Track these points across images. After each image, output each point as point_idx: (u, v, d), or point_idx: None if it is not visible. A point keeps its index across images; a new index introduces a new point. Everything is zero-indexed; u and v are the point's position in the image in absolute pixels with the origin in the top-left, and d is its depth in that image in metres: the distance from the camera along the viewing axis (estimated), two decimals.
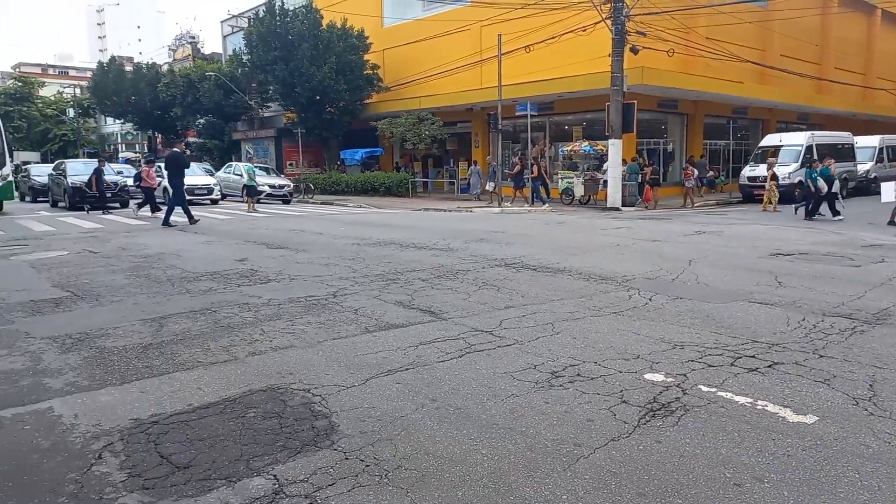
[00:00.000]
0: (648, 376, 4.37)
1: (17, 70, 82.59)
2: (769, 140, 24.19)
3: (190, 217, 15.72)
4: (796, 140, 22.95)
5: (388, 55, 30.65)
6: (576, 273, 8.33)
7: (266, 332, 5.60)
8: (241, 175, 26.76)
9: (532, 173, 21.69)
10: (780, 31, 27.35)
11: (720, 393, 4.06)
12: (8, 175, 20.97)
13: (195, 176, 25.34)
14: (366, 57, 29.70)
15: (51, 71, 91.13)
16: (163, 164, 19.62)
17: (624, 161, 20.41)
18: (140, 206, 19.01)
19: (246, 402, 3.97)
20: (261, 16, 30.03)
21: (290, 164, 34.94)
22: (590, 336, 5.36)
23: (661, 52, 20.27)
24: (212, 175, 27.18)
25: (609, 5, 19.31)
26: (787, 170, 21.28)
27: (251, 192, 21.15)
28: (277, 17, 29.02)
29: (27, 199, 27.94)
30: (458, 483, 3.00)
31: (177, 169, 15.95)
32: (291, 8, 29.73)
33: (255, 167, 28.16)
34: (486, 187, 23.38)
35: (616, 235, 12.66)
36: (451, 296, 6.98)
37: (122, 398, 4.08)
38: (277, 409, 3.87)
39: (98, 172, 20.61)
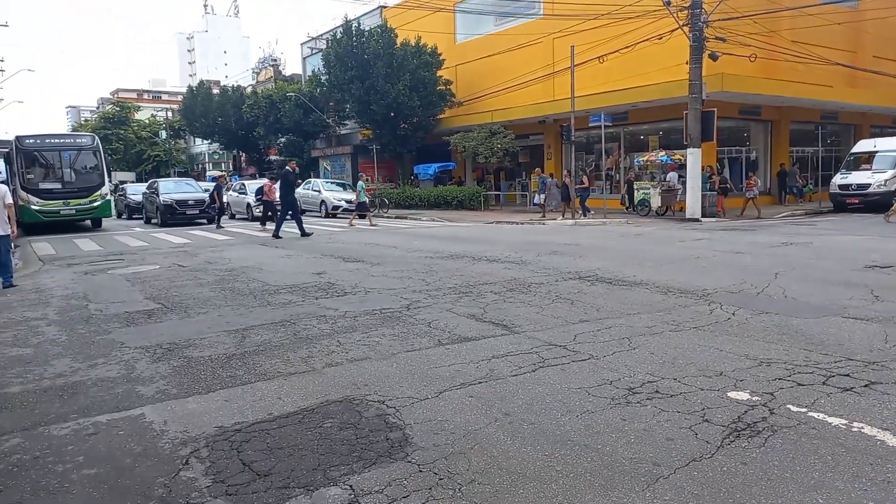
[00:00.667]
0: (732, 394, 4.19)
1: (116, 95, 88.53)
2: (863, 146, 22.83)
3: (302, 230, 16.79)
4: (893, 145, 21.56)
5: (460, 70, 30.96)
6: (653, 286, 8.10)
7: (342, 343, 5.72)
8: (318, 191, 27.68)
9: (582, 183, 21.48)
10: (873, 32, 25.85)
11: (811, 413, 3.84)
12: (107, 194, 22.41)
13: (276, 192, 26.37)
14: (438, 73, 30.11)
15: (145, 96, 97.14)
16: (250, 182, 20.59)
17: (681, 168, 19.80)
18: (263, 220, 20.50)
19: (323, 413, 4.07)
20: (338, 37, 31.01)
21: (366, 180, 35.71)
22: (669, 352, 5.19)
23: (742, 57, 19.56)
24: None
25: (686, 12, 18.82)
26: (883, 177, 20.01)
27: (362, 208, 21.66)
28: (354, 38, 29.88)
29: (123, 216, 29.76)
30: (533, 500, 2.96)
31: (287, 185, 17.22)
32: (367, 28, 30.58)
33: (333, 182, 29.00)
34: (536, 200, 23.16)
35: (695, 247, 12.24)
36: (523, 309, 6.93)
37: (207, 406, 4.26)
38: (353, 419, 3.94)
39: (218, 188, 22.45)
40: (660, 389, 4.31)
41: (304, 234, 16.77)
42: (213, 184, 24.47)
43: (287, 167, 18.73)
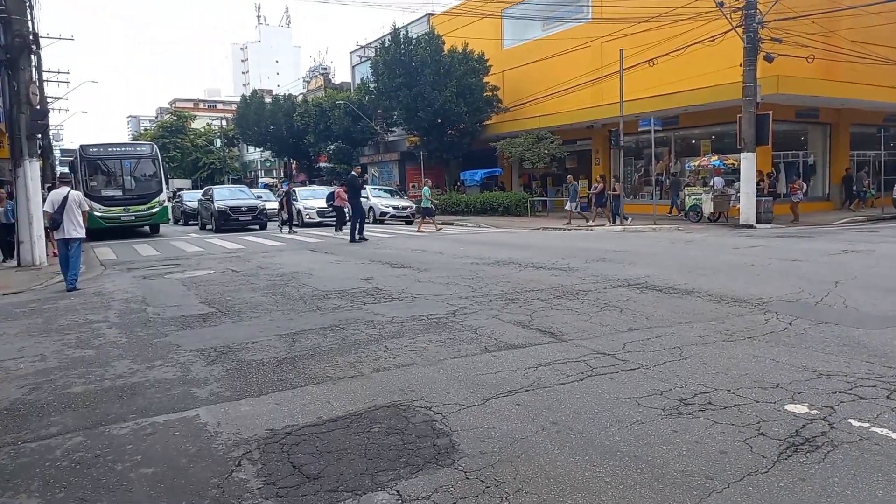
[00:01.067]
0: (790, 407, 4.05)
1: (174, 105, 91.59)
2: None
3: (361, 234, 17.51)
4: None
5: (507, 76, 30.93)
6: (705, 294, 7.91)
7: (390, 349, 5.77)
8: (367, 197, 28.01)
9: (614, 190, 21.36)
10: None
11: (874, 429, 3.68)
12: (165, 201, 23.20)
13: (323, 199, 26.83)
14: (485, 79, 30.16)
15: (201, 105, 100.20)
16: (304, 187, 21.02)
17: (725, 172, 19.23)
18: (338, 226, 21.27)
19: (371, 418, 4.11)
20: (386, 45, 31.39)
21: (413, 186, 36.01)
22: (722, 362, 5.06)
23: (799, 58, 18.98)
24: None
25: (740, 13, 18.37)
26: None
27: (427, 213, 21.89)
28: (402, 46, 30.21)
29: (180, 222, 30.73)
30: None
31: (353, 190, 18.09)
32: (415, 36, 30.87)
33: (380, 189, 29.29)
34: (566, 207, 22.83)
35: (750, 254, 11.90)
36: (571, 317, 6.86)
37: (259, 409, 4.36)
38: (400, 425, 3.97)
39: (289, 195, 23.16)
40: (713, 401, 4.21)
41: (353, 240, 17.12)
42: (265, 190, 25.11)
43: (353, 173, 19.53)
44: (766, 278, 9.10)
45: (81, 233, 10.40)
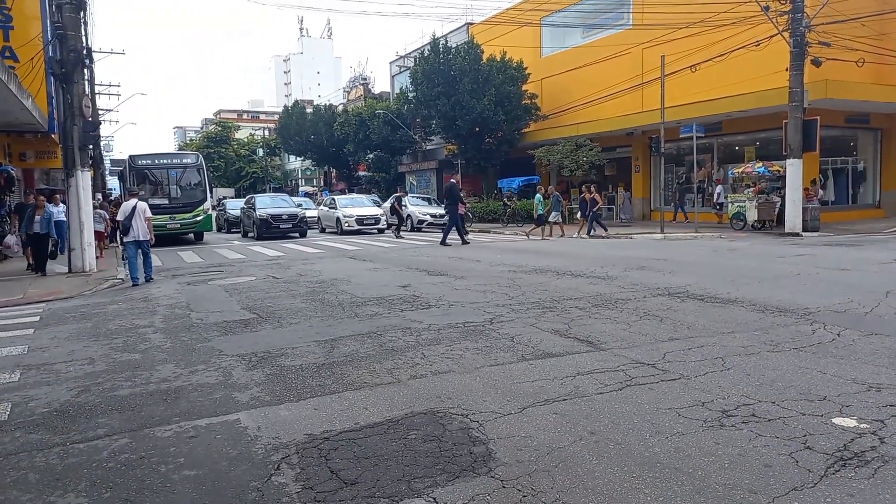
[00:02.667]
0: (838, 421, 3.92)
1: (218, 116, 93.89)
2: None
3: (463, 238, 18.63)
4: None
5: (545, 84, 30.81)
6: (749, 304, 7.72)
7: (427, 356, 5.79)
8: (405, 206, 28.16)
9: (599, 202, 21.22)
10: None
11: None
12: (209, 209, 23.75)
13: (364, 207, 27.13)
14: (524, 87, 30.10)
15: (245, 116, 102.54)
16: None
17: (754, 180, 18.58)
18: (445, 230, 20.92)
19: (408, 424, 4.13)
20: (425, 54, 31.62)
21: (549, 194, 35.98)
22: (766, 373, 4.93)
23: (848, 62, 18.43)
24: (378, 206, 28.80)
25: (786, 17, 17.96)
26: None
27: (539, 221, 21.68)
28: (441, 55, 30.39)
29: (223, 230, 31.39)
30: None
31: (452, 198, 19.03)
32: (454, 45, 31.03)
33: (418, 197, 29.44)
34: (550, 218, 21.57)
35: (796, 263, 11.57)
36: (609, 325, 6.78)
37: (298, 414, 4.42)
38: (437, 432, 3.98)
39: (398, 199, 24.01)
40: (756, 413, 4.10)
41: (444, 242, 18.34)
42: (305, 199, 25.43)
43: (452, 181, 20.11)
44: (813, 288, 8.84)
45: (145, 235, 12.14)
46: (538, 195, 22.35)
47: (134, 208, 12.05)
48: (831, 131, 21.66)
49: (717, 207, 23.44)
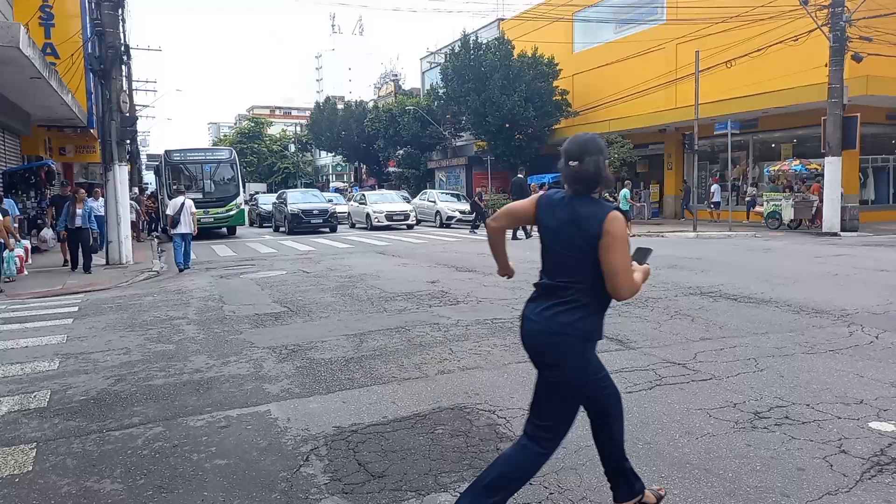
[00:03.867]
0: (875, 425, 3.83)
1: (251, 112, 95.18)
2: None
3: (526, 232, 18.75)
4: None
5: (577, 80, 30.54)
6: (783, 304, 7.56)
7: (454, 352, 5.80)
8: (434, 202, 28.14)
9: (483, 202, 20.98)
10: None
11: None
12: (241, 204, 24.09)
13: (394, 203, 27.23)
14: (555, 83, 29.87)
15: (277, 112, 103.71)
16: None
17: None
18: (474, 225, 21.35)
19: (435, 419, 4.14)
20: (456, 51, 31.58)
21: (480, 191, 36.01)
22: (801, 375, 4.83)
23: (891, 57, 17.90)
24: (408, 202, 28.89)
25: (826, 11, 17.51)
26: None
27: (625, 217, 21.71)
28: (471, 51, 30.31)
29: (255, 224, 31.80)
30: None
31: (521, 193, 18.87)
32: (485, 41, 30.92)
33: (447, 193, 29.44)
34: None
35: (834, 263, 11.30)
36: (639, 324, 6.70)
37: (327, 406, 4.46)
38: (464, 427, 3.98)
39: (480, 195, 24.25)
40: (790, 415, 4.02)
41: (526, 236, 18.63)
42: (335, 194, 25.54)
43: (519, 175, 20.50)
44: (850, 289, 8.63)
45: (190, 228, 13.42)
46: (625, 190, 21.67)
47: (183, 204, 13.37)
48: (871, 128, 21.08)
49: (713, 206, 23.38)
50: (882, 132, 22.60)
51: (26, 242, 13.78)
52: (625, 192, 21.62)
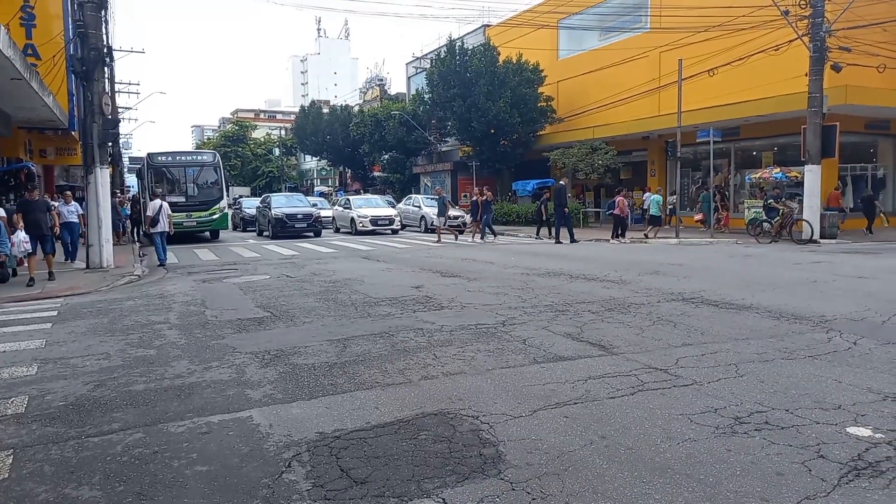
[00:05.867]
0: (852, 430, 3.88)
1: (236, 115, 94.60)
2: None
3: (571, 237, 19.27)
4: None
5: (562, 87, 30.74)
6: (764, 311, 7.65)
7: (438, 357, 5.80)
8: (419, 207, 28.09)
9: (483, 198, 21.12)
10: None
11: None
12: (225, 207, 23.92)
13: (378, 208, 27.20)
14: (540, 90, 30.05)
15: (262, 115, 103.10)
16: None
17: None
18: (615, 234, 20.74)
19: (418, 425, 4.14)
20: (442, 56, 31.67)
21: (465, 196, 36.10)
22: (780, 381, 4.89)
23: (869, 67, 18.21)
24: (393, 207, 28.86)
25: (806, 22, 17.79)
26: None
27: (653, 222, 21.25)
28: (457, 57, 30.43)
29: (239, 228, 31.57)
30: None
31: (561, 199, 19.99)
32: (470, 47, 31.04)
33: (432, 199, 29.45)
34: (436, 222, 20.92)
35: (813, 270, 11.46)
36: (622, 330, 6.75)
37: (309, 412, 4.44)
38: (447, 433, 3.98)
39: (545, 202, 23.65)
40: (770, 420, 4.07)
41: (571, 240, 19.04)
42: (320, 199, 25.36)
43: (560, 182, 20.77)
44: (829, 295, 8.75)
45: (166, 227, 15.65)
46: (657, 195, 21.59)
47: (161, 206, 15.48)
48: (851, 137, 21.42)
49: (665, 215, 23.10)
50: (861, 141, 22.98)
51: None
52: (657, 197, 21.64)
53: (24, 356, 6.30)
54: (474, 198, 22.01)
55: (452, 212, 27.78)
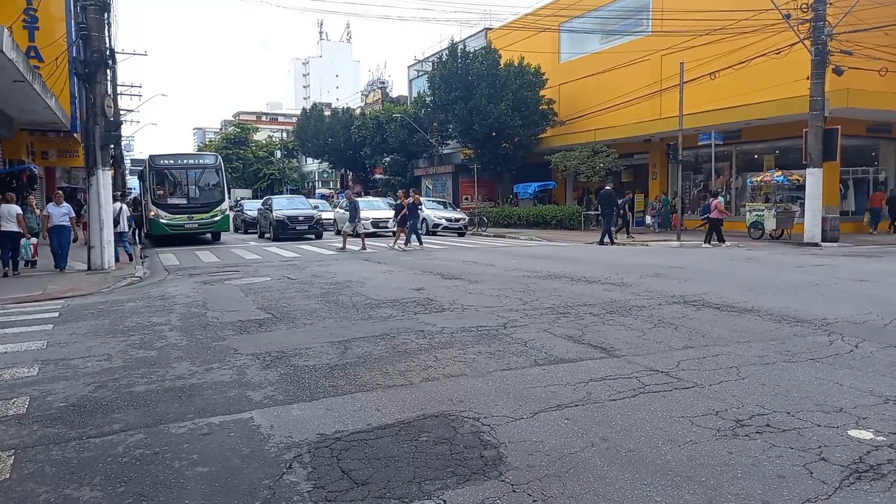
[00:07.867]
0: (853, 433, 3.88)
1: (237, 118, 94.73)
2: None
3: (612, 239, 19.69)
4: None
5: (563, 90, 30.78)
6: (765, 313, 7.65)
7: (439, 359, 5.80)
8: (434, 207, 28.07)
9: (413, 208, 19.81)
10: None
11: None
12: (227, 209, 23.94)
13: (380, 210, 27.20)
14: (541, 93, 30.09)
15: (263, 118, 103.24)
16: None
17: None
18: (708, 237, 19.49)
19: (419, 427, 4.14)
20: (443, 59, 31.72)
21: (466, 198, 36.14)
22: (782, 383, 4.88)
23: (871, 71, 18.24)
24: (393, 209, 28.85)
25: (808, 25, 17.80)
26: None
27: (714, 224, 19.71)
28: (459, 60, 30.47)
29: (240, 230, 31.59)
30: None
31: (609, 204, 20.39)
32: (472, 50, 31.09)
33: (433, 201, 29.46)
34: (345, 228, 19.57)
35: (814, 273, 11.45)
36: (623, 332, 6.75)
37: (310, 413, 4.44)
38: (448, 435, 3.98)
39: (630, 202, 24.19)
40: (771, 423, 4.07)
41: (612, 242, 19.50)
42: (321, 201, 25.35)
43: (607, 187, 20.98)
44: (831, 298, 8.74)
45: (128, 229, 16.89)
46: (720, 198, 20.10)
47: (121, 209, 16.08)
48: (852, 141, 21.44)
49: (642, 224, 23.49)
50: (862, 144, 22.99)
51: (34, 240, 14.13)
52: (665, 198, 21.45)
53: (26, 357, 6.31)
54: (399, 201, 20.75)
55: (453, 214, 27.85)
